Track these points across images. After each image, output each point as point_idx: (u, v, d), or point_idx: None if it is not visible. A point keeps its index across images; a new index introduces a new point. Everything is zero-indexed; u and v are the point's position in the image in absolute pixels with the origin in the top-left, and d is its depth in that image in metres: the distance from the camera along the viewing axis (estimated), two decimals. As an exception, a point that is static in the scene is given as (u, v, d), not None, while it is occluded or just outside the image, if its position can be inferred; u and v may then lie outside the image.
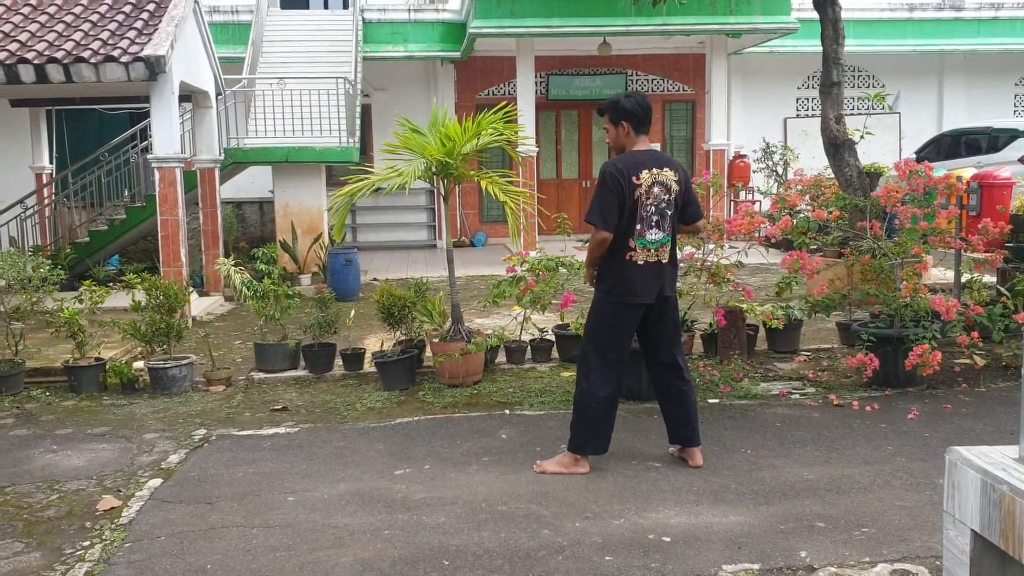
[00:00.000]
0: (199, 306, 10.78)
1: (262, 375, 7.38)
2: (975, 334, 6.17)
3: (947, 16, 17.61)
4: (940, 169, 9.49)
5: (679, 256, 6.83)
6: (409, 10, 16.33)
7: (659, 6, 12.94)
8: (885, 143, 16.48)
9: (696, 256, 6.84)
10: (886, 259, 6.71)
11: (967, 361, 6.74)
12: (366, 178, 7.01)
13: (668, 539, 4.06)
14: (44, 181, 14.46)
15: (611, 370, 4.91)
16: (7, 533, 4.37)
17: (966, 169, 10.85)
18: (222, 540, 4.17)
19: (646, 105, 4.91)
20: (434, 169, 6.83)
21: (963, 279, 7.49)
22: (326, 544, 4.10)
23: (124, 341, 7.70)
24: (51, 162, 14.91)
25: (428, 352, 7.23)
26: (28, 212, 13.66)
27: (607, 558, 3.87)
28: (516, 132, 7.21)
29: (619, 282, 4.85)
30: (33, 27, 9.98)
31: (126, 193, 14.06)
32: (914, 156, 14.83)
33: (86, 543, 4.21)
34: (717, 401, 6.30)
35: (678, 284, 6.88)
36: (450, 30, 16.27)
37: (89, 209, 13.99)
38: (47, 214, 14.12)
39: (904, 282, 6.40)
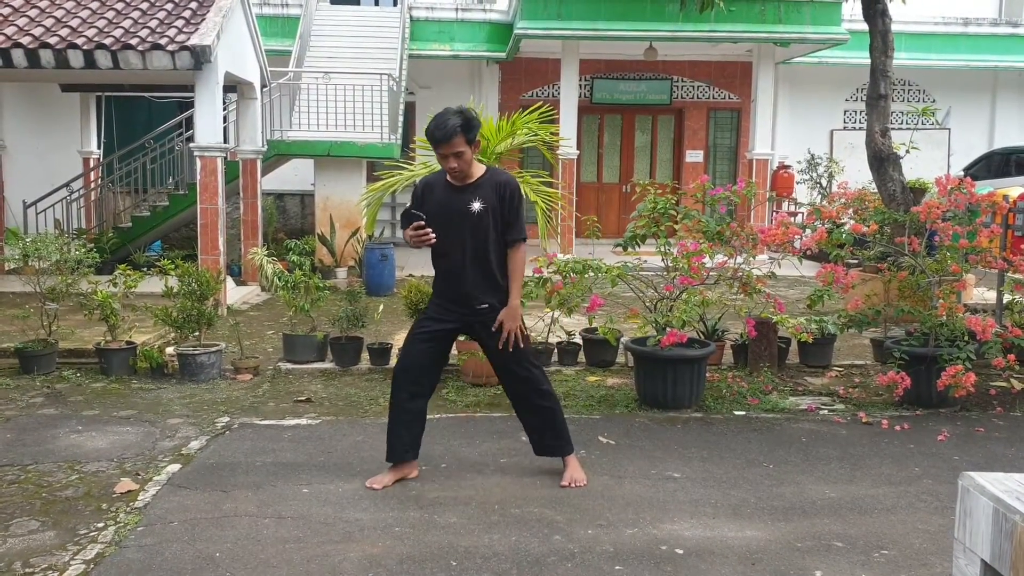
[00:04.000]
0: (235, 295, 10.87)
1: (289, 365, 7.41)
2: (1012, 356, 6.01)
3: (1003, 32, 17.26)
4: (988, 187, 9.30)
5: (711, 264, 6.78)
6: (456, 9, 16.34)
7: (707, 13, 12.81)
8: (934, 159, 16.21)
9: (728, 265, 6.74)
10: (923, 276, 6.57)
11: (1004, 384, 6.57)
12: (399, 173, 7.01)
13: (681, 551, 3.99)
14: (91, 165, 14.70)
15: None
16: (25, 511, 4.42)
17: (1013, 188, 10.61)
18: (233, 528, 4.18)
19: None
20: (467, 167, 6.80)
21: (1005, 300, 7.32)
22: (336, 538, 4.08)
23: (157, 326, 7.77)
24: (99, 147, 15.16)
25: (454, 350, 7.20)
26: (74, 196, 13.88)
27: (617, 567, 3.82)
28: (551, 133, 7.13)
29: None
30: (84, 14, 10.13)
31: (170, 180, 14.25)
32: (962, 173, 14.54)
33: (100, 525, 4.24)
34: (743, 413, 6.20)
35: (709, 294, 6.83)
36: (496, 30, 16.26)
37: (133, 195, 14.20)
38: (93, 198, 14.35)
39: (940, 300, 6.26)
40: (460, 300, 4.69)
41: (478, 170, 4.67)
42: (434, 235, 4.53)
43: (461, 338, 6.96)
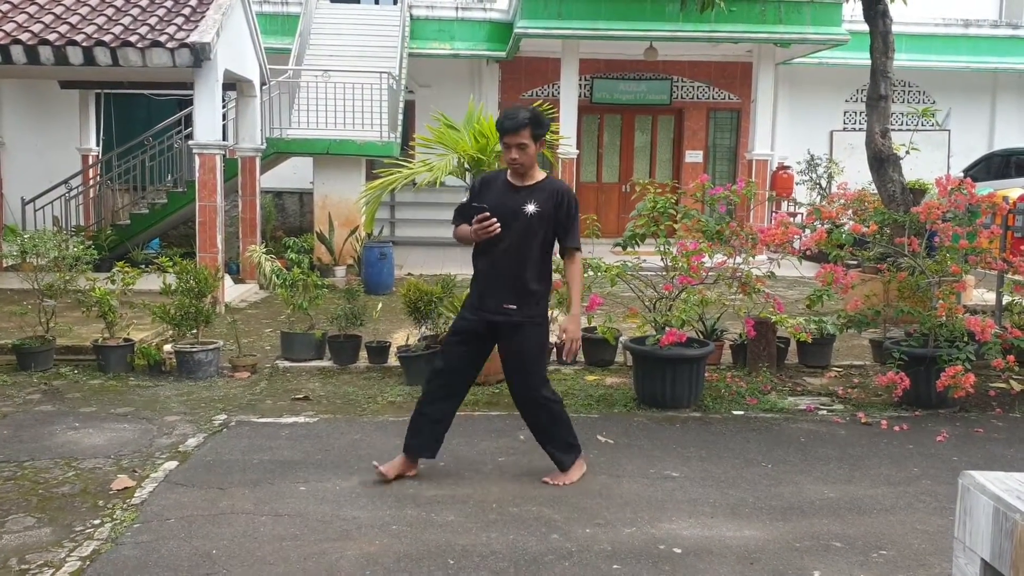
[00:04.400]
0: (233, 293, 10.86)
1: (287, 363, 7.40)
2: (1011, 358, 6.00)
3: (1003, 34, 17.25)
4: (988, 188, 9.29)
5: (710, 264, 6.77)
6: (457, 8, 16.33)
7: (707, 13, 12.80)
8: (933, 160, 16.18)
9: (727, 265, 6.73)
10: (923, 277, 6.56)
11: (1003, 385, 6.56)
12: (398, 171, 6.99)
13: (679, 551, 3.98)
14: (90, 163, 14.67)
15: None
16: (20, 507, 4.40)
17: (1013, 189, 10.60)
18: (230, 526, 4.17)
19: None
20: (467, 165, 6.80)
21: (1004, 301, 7.31)
22: (333, 536, 4.07)
23: (155, 323, 7.75)
24: (97, 144, 15.14)
25: (453, 349, 7.18)
26: (73, 193, 13.86)
27: (615, 566, 3.80)
28: (551, 132, 7.10)
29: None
30: (83, 10, 10.11)
31: (169, 178, 14.23)
32: (962, 174, 14.53)
33: (96, 521, 4.23)
34: (742, 413, 6.19)
35: (708, 293, 6.82)
36: (496, 29, 16.24)
37: (132, 192, 14.17)
38: (91, 195, 14.32)
39: (940, 301, 6.24)
40: (491, 298, 4.68)
41: (538, 174, 4.70)
42: (497, 226, 4.53)
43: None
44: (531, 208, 4.58)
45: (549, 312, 7.19)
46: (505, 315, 4.64)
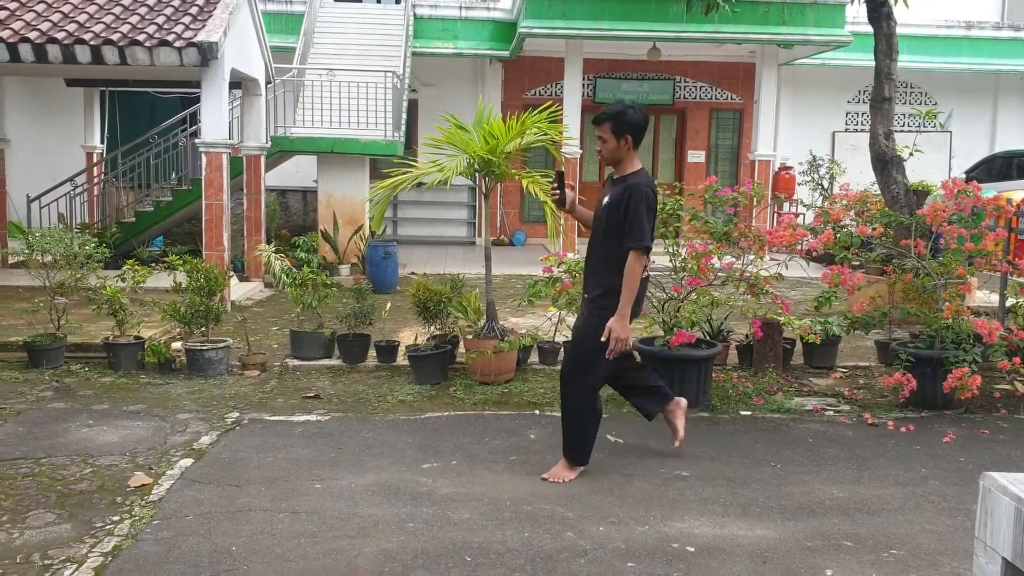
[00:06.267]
0: (239, 291, 10.89)
1: (296, 362, 7.44)
2: (1017, 360, 6.05)
3: (1005, 36, 17.30)
4: (990, 190, 9.35)
5: (718, 265, 6.82)
6: (460, 7, 16.36)
7: (711, 14, 12.83)
8: (935, 162, 16.24)
9: (735, 266, 6.78)
10: (929, 279, 6.62)
11: (1008, 387, 6.61)
12: (409, 171, 7.04)
13: (692, 549, 4.03)
14: (95, 160, 14.71)
15: (599, 386, 4.99)
16: (40, 504, 4.45)
17: (1016, 192, 10.66)
18: (248, 523, 4.21)
19: (648, 119, 4.86)
20: (476, 166, 6.85)
21: (1008, 303, 7.36)
22: (350, 533, 4.12)
23: (164, 321, 7.79)
24: (102, 142, 15.18)
25: (461, 348, 7.25)
26: (77, 190, 13.90)
27: (629, 564, 3.86)
28: (560, 133, 7.16)
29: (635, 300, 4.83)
30: (91, 9, 10.14)
31: (173, 176, 14.27)
32: (964, 176, 14.60)
33: (116, 518, 4.28)
34: (749, 413, 6.24)
35: (717, 294, 6.87)
36: (500, 29, 16.28)
37: (137, 190, 14.21)
38: (96, 193, 14.36)
39: (946, 303, 6.30)
40: (583, 283, 5.02)
41: (630, 168, 4.79)
42: (558, 192, 4.92)
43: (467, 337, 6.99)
44: (606, 200, 4.78)
45: (556, 312, 7.27)
46: (586, 303, 4.89)
